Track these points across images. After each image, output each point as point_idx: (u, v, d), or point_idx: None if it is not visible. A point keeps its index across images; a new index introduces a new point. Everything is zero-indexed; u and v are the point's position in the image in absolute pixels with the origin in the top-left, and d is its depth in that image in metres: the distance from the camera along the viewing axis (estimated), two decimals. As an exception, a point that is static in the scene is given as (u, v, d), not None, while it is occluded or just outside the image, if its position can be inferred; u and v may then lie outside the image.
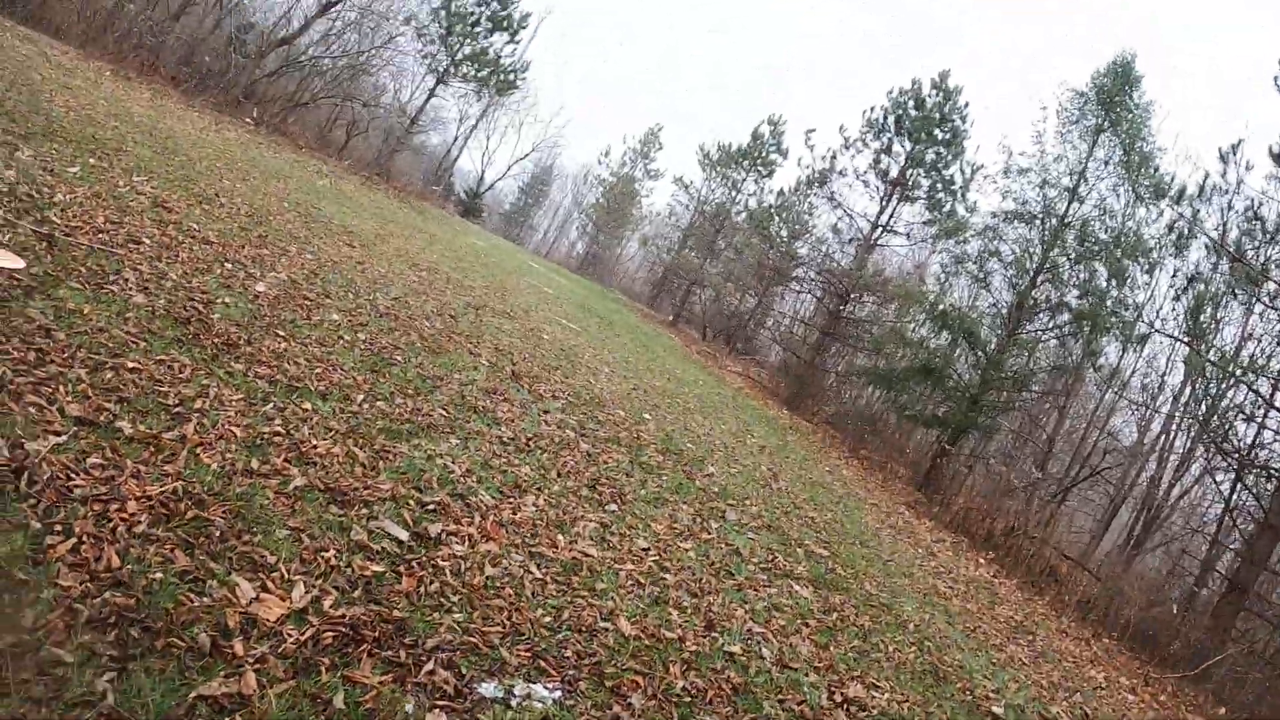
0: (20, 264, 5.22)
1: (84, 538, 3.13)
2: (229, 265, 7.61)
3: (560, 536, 5.31)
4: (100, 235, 6.57)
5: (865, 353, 28.27)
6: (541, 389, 9.14)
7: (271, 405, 5.09)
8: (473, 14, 38.61)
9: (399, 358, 7.40)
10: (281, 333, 6.46)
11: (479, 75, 39.98)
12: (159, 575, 3.12)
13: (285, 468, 4.40)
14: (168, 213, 8.32)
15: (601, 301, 30.65)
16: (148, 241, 7.05)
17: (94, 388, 4.25)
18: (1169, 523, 19.55)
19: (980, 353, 22.51)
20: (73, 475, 3.48)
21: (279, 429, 4.81)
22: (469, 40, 38.66)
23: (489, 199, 59.04)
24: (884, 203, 30.92)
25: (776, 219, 36.60)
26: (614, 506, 6.42)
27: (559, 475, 6.49)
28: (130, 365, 4.68)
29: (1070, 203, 22.32)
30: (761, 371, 32.19)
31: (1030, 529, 16.55)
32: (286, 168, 18.18)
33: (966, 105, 30.35)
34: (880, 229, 30.96)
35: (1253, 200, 17.46)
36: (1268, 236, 17.33)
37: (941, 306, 23.51)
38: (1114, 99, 22.31)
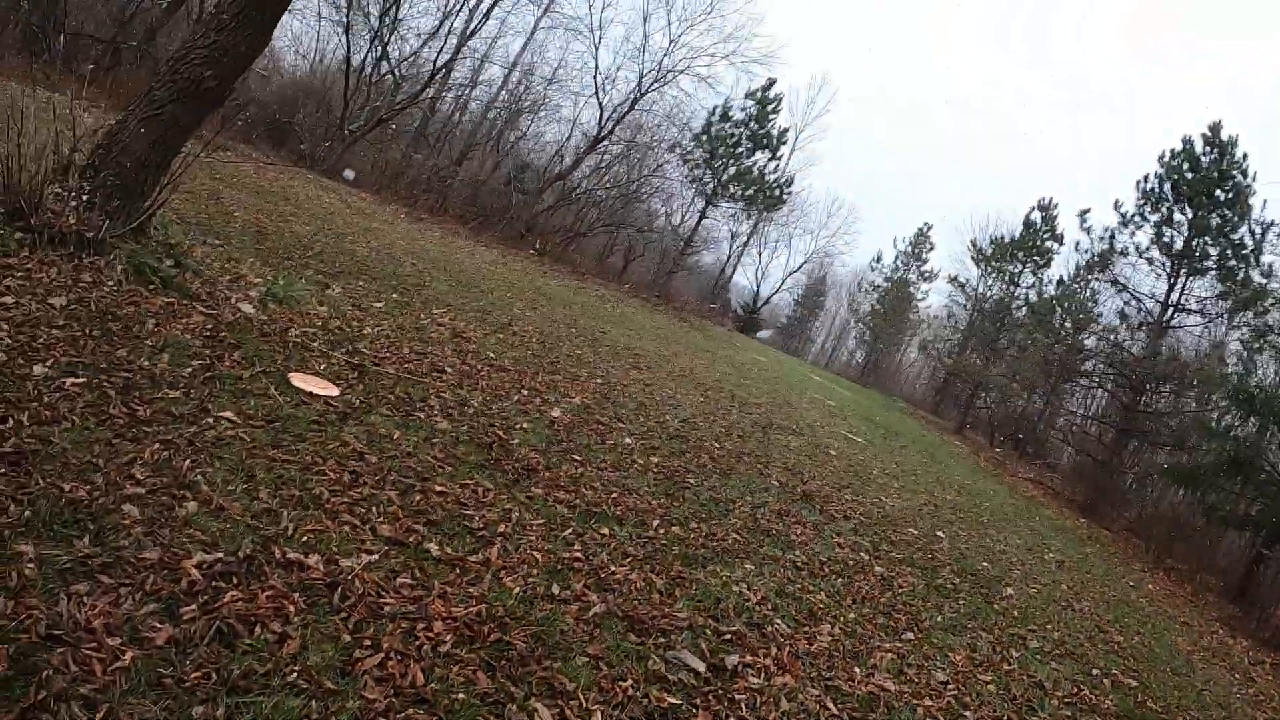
0: (335, 391, 5.78)
1: (391, 653, 3.34)
2: (525, 391, 8.15)
3: (856, 669, 5.20)
4: (406, 365, 7.27)
5: (1166, 448, 26.50)
6: (833, 509, 9.14)
7: (571, 530, 5.34)
8: (733, 136, 40.04)
9: (691, 480, 7.62)
10: (578, 457, 6.80)
11: (745, 194, 41.26)
12: (461, 695, 3.29)
13: (585, 594, 4.56)
14: (466, 342, 9.13)
15: (884, 412, 30.32)
16: (449, 370, 7.69)
17: (404, 510, 4.63)
18: None
19: None
20: (383, 593, 3.74)
21: (578, 554, 5.02)
22: (733, 161, 40.23)
23: (765, 313, 59.79)
24: (1171, 279, 29.38)
25: (1058, 310, 35.18)
26: (910, 635, 6.24)
27: (854, 601, 6.42)
28: (438, 489, 5.09)
29: None
30: (1054, 476, 30.58)
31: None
32: (570, 294, 19.35)
33: (1245, 158, 28.40)
34: (1171, 309, 29.34)
35: None
36: None
37: (1246, 388, 21.56)
38: None
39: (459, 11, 30.42)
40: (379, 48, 28.43)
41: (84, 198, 6.08)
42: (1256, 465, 20.55)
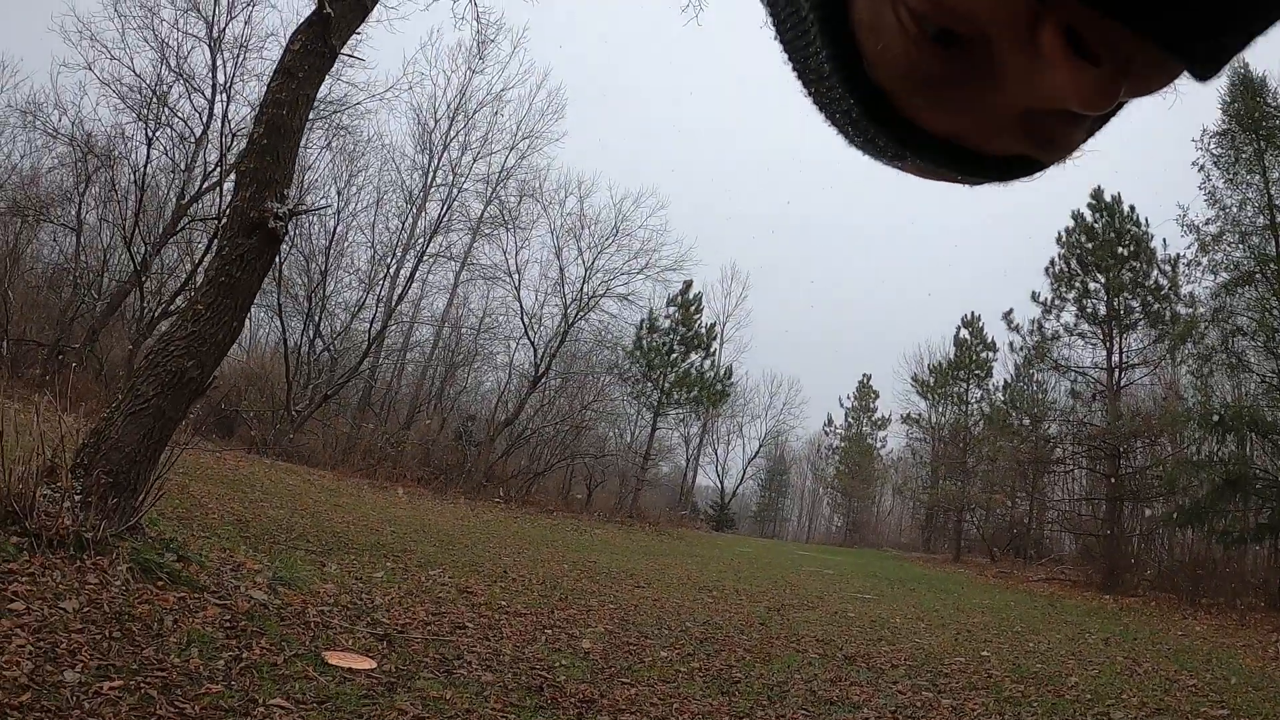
0: (371, 664, 5.69)
1: None
2: (549, 631, 8.05)
3: None
4: (429, 627, 7.17)
5: (1161, 499, 26.53)
6: (878, 662, 9.03)
7: None
8: (665, 344, 41.49)
9: (738, 674, 7.50)
10: (625, 680, 6.70)
11: (690, 397, 42.31)
12: None
13: None
14: (474, 596, 9.05)
15: (880, 563, 30.11)
16: (470, 625, 7.60)
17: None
18: None
19: (1276, 436, 20.87)
20: None
21: None
22: (670, 369, 41.41)
23: (735, 506, 59.82)
24: (1108, 344, 30.09)
25: (1012, 413, 35.63)
26: None
27: None
28: (507, 736, 4.99)
29: (1276, 238, 21.05)
30: (1064, 569, 30.32)
31: None
32: (547, 533, 19.55)
33: (1132, 209, 29.94)
34: (1117, 370, 29.94)
35: None
36: None
37: (1212, 412, 21.68)
38: (1255, 116, 21.27)
39: (383, 281, 32.35)
40: (311, 327, 29.74)
41: (77, 498, 6.09)
42: (1250, 478, 20.78)
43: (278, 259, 24.23)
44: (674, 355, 41.58)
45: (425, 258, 32.97)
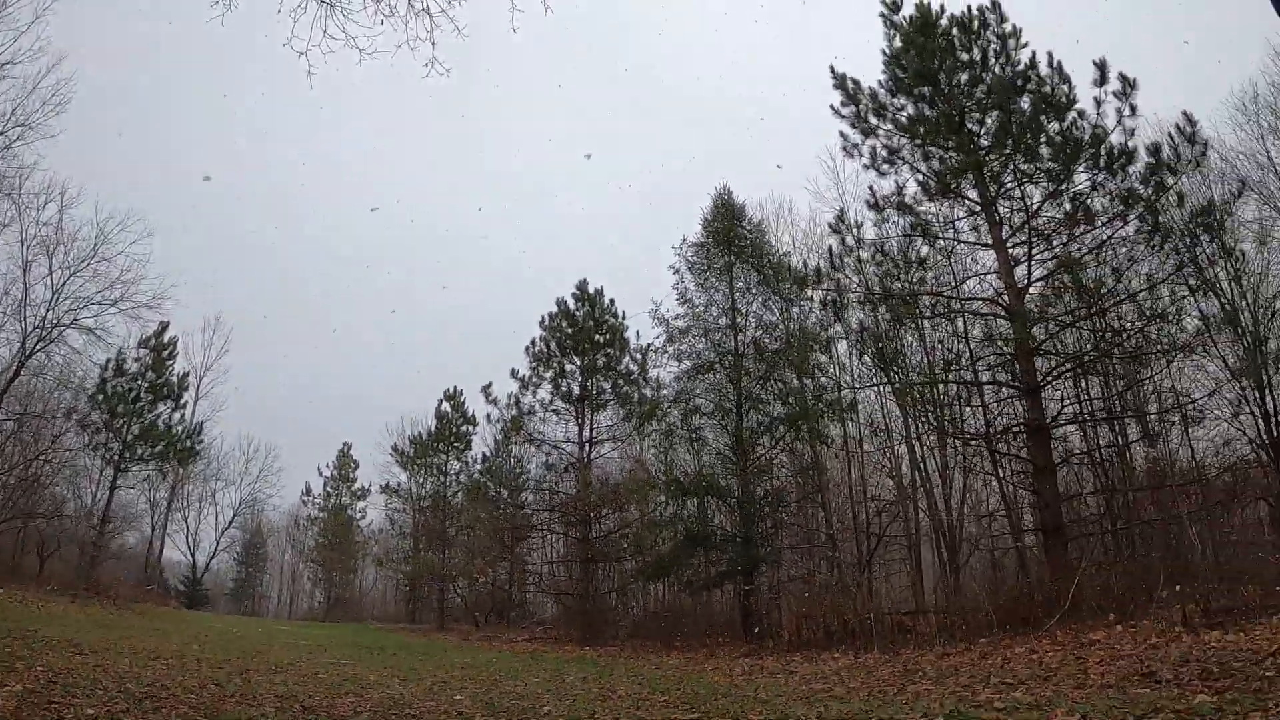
0: None
1: None
2: None
3: None
4: None
5: (630, 558, 28.09)
6: (340, 711, 8.50)
7: None
8: (131, 390, 37.64)
9: None
10: None
11: (156, 451, 38.51)
12: None
13: None
14: None
15: (363, 635, 29.14)
16: None
17: None
18: (965, 533, 20.11)
19: (730, 498, 23.18)
20: None
21: None
22: (136, 419, 37.65)
23: (210, 582, 55.90)
24: (580, 420, 31.52)
25: (491, 485, 36.20)
26: None
27: None
28: None
29: (735, 335, 24.11)
30: (547, 628, 31.12)
31: (859, 610, 16.77)
32: None
33: (612, 302, 32.22)
34: (586, 445, 31.38)
35: (874, 244, 19.44)
36: (899, 266, 19.15)
37: (674, 479, 24.20)
38: (730, 235, 24.31)
39: None
40: None
41: None
42: (709, 534, 23.29)
43: None
44: (141, 403, 38.29)
45: None
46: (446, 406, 46.77)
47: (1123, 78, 16.56)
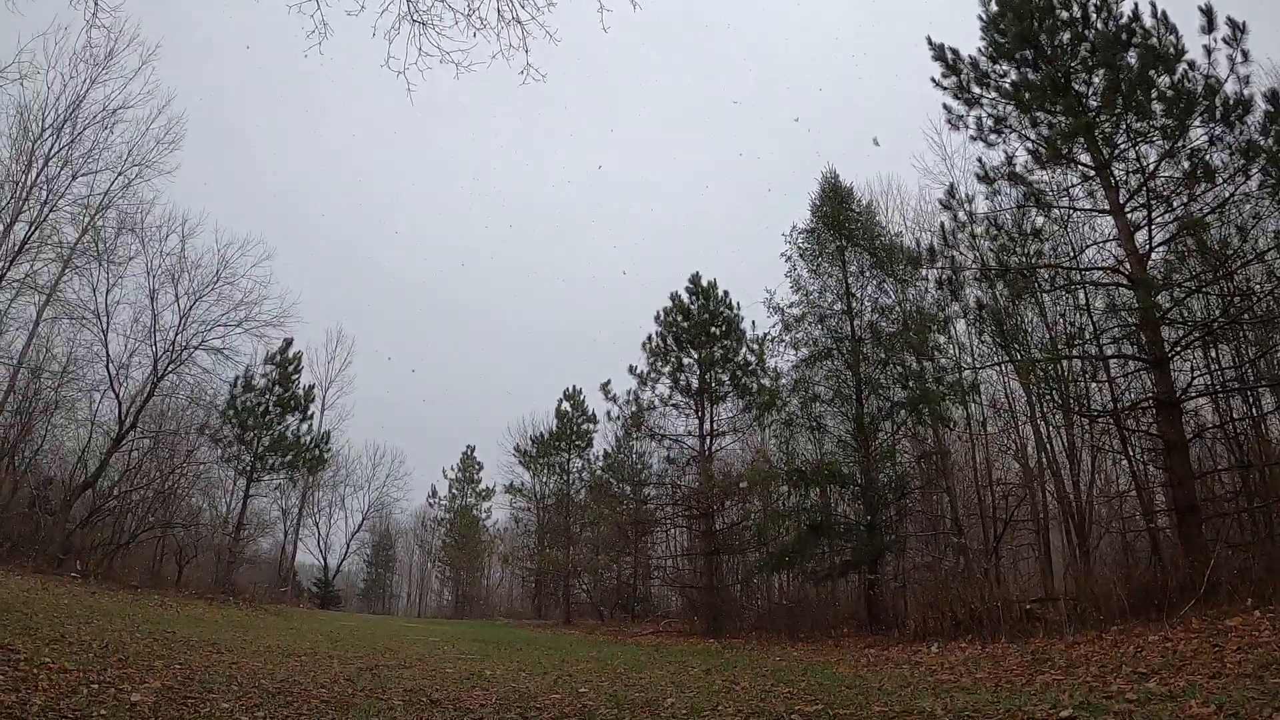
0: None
1: None
2: (95, 685, 7.10)
3: None
4: None
5: (754, 550, 27.93)
6: (467, 703, 8.56)
7: None
8: (260, 404, 39.02)
9: None
10: None
11: (285, 461, 39.77)
12: None
13: None
14: (15, 653, 8.02)
15: (490, 631, 29.65)
16: (2, 678, 6.72)
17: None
18: (1095, 515, 19.48)
19: (853, 485, 22.82)
20: None
21: None
22: (265, 431, 38.91)
23: (341, 583, 57.58)
24: (699, 413, 31.53)
25: (614, 481, 36.38)
26: None
27: None
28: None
29: (851, 320, 23.74)
30: (671, 621, 31.19)
31: (985, 598, 16.40)
32: (126, 608, 17.68)
33: (726, 294, 32.19)
34: (707, 437, 31.35)
35: (987, 217, 18.71)
36: (1014, 239, 18.45)
37: (796, 468, 23.84)
38: (840, 219, 23.86)
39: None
40: None
41: None
42: (832, 523, 22.82)
43: None
44: (269, 416, 39.54)
45: (3, 284, 26.66)
46: (567, 405, 47.12)
47: (1231, 22, 15.50)
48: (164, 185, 41.86)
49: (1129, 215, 17.07)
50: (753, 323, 30.91)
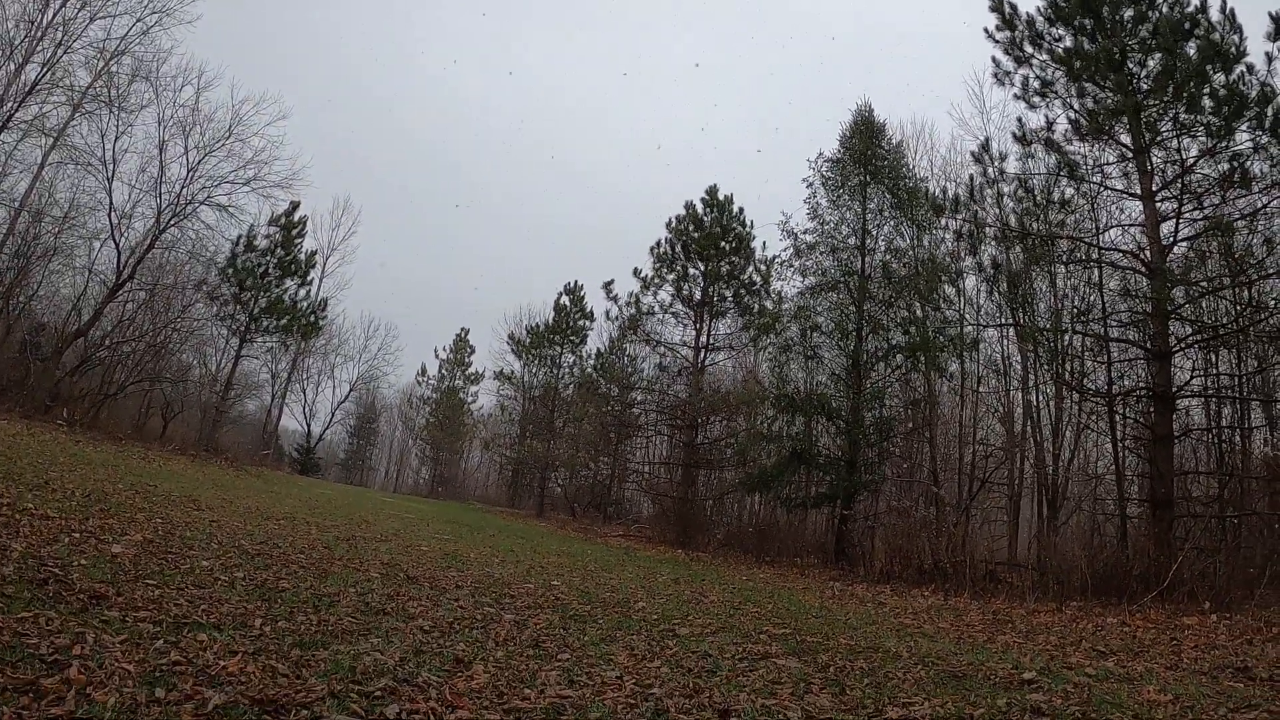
0: None
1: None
2: (76, 535, 7.20)
3: (528, 690, 4.95)
4: None
5: (732, 468, 28.30)
6: (442, 583, 8.83)
7: (162, 641, 4.60)
8: (260, 265, 38.91)
9: (286, 585, 6.99)
10: (152, 581, 6.03)
11: (280, 325, 40.00)
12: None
13: (197, 691, 3.91)
14: None
15: (464, 514, 29.91)
16: None
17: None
18: (1069, 491, 19.77)
19: (839, 420, 23.09)
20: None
21: (178, 658, 4.33)
22: (263, 293, 38.93)
23: (322, 451, 58.12)
24: (697, 326, 31.72)
25: (603, 381, 36.69)
26: (565, 655, 6.07)
27: (496, 644, 6.13)
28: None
29: (863, 257, 23.71)
30: (642, 527, 31.64)
31: (952, 552, 16.77)
32: (111, 458, 17.67)
33: (741, 210, 32.12)
34: (702, 350, 31.56)
35: (1017, 178, 18.74)
36: (1040, 205, 18.50)
37: (787, 394, 24.11)
38: (867, 154, 23.75)
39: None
40: None
41: None
42: (814, 453, 23.15)
43: None
44: (269, 278, 39.50)
45: (10, 125, 26.24)
46: (566, 300, 47.29)
47: (1299, 35, 15.47)
48: (183, 35, 41.11)
49: (1159, 204, 17.00)
50: (764, 243, 31.01)
